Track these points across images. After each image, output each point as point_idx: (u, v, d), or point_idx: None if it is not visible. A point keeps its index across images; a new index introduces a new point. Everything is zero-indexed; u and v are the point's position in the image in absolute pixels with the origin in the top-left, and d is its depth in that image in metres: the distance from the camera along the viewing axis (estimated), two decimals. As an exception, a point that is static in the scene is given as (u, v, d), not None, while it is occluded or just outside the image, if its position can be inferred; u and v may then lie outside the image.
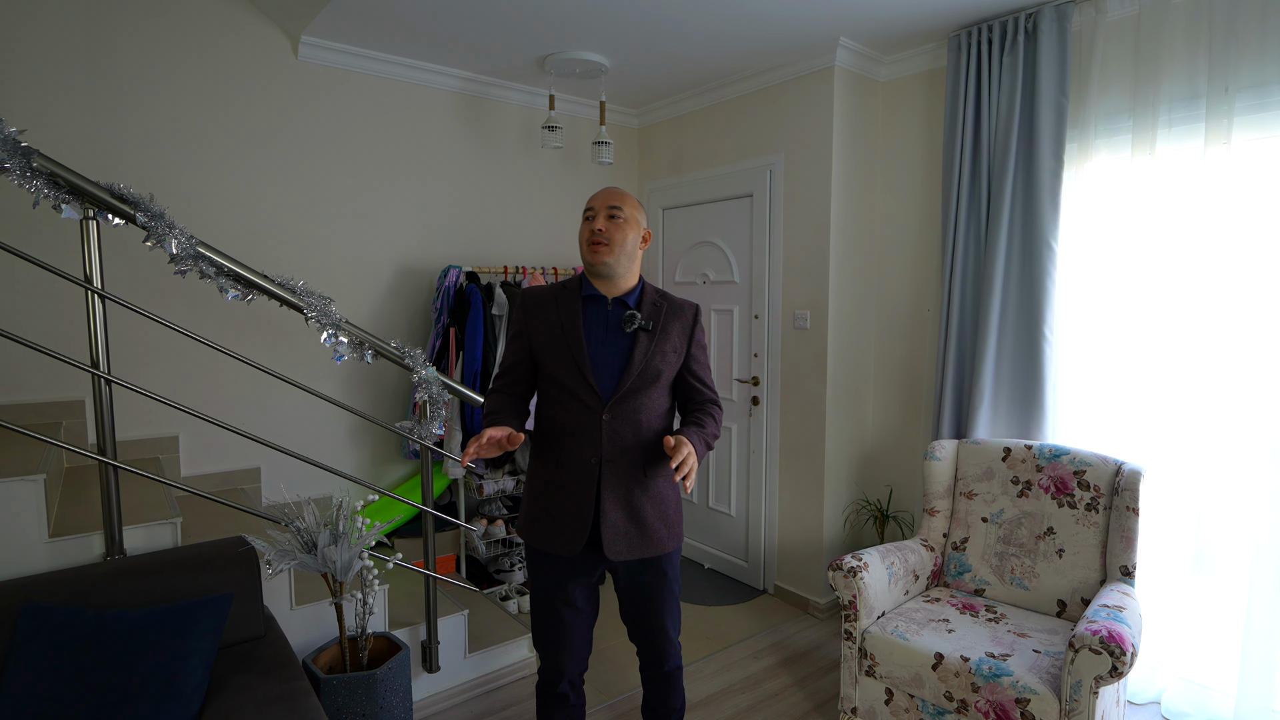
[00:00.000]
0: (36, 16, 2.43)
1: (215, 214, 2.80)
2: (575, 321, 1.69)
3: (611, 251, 1.67)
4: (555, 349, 1.69)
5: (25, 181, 1.68)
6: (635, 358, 1.68)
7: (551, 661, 1.78)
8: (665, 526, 1.73)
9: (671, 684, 1.87)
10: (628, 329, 1.68)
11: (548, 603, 1.75)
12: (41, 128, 2.44)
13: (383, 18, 2.70)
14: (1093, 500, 2.31)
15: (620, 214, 1.68)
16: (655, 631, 1.80)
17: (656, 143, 3.96)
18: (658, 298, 1.77)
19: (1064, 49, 2.51)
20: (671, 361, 1.74)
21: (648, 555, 1.72)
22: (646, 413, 1.70)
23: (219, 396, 2.85)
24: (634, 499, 1.69)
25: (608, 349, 1.69)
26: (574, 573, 1.73)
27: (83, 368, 1.78)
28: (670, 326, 1.73)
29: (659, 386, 1.72)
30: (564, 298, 1.73)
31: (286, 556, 1.87)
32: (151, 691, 1.50)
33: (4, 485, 1.72)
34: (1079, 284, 2.58)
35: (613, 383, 1.67)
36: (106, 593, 1.68)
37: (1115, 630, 1.79)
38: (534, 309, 1.75)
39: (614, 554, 1.67)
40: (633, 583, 1.77)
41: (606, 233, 1.66)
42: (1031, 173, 2.59)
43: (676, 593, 1.81)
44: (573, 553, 1.68)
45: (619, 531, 1.67)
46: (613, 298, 1.72)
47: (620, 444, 1.67)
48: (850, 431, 3.27)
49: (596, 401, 1.66)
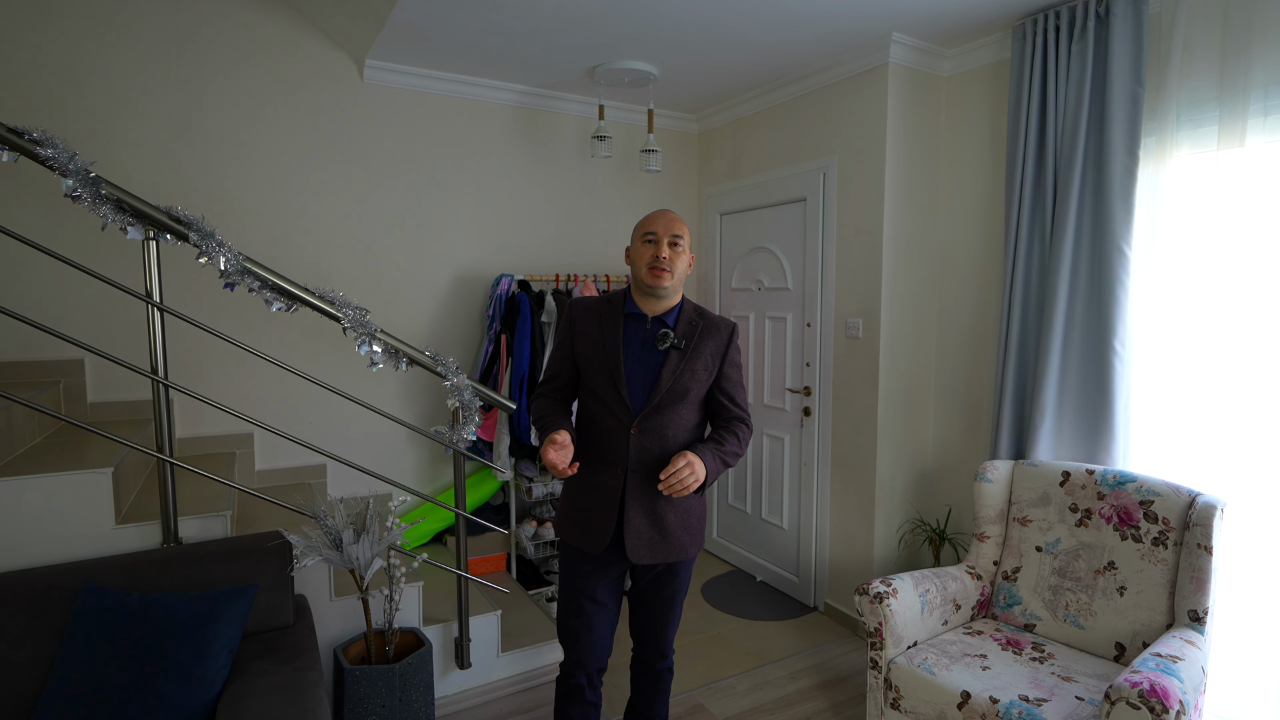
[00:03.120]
0: (138, 59, 2.71)
1: (286, 228, 3.03)
2: (616, 337, 1.78)
3: (672, 277, 1.76)
4: (595, 362, 1.79)
5: (95, 207, 1.89)
6: (664, 376, 1.76)
7: (572, 653, 1.87)
8: (687, 534, 1.82)
9: (660, 685, 1.98)
10: (660, 346, 1.77)
11: (573, 596, 1.85)
12: (137, 154, 2.73)
13: (436, 38, 2.83)
14: (1161, 534, 2.07)
15: (680, 243, 1.78)
16: (659, 628, 1.92)
17: (715, 147, 3.92)
18: (695, 316, 1.84)
19: (1140, 33, 2.27)
20: (702, 379, 1.80)
21: (669, 560, 1.81)
22: (674, 428, 1.78)
23: (290, 398, 3.08)
24: (658, 508, 1.78)
25: (642, 365, 1.77)
26: (599, 569, 1.83)
27: (144, 373, 1.97)
28: (704, 345, 1.80)
29: (687, 403, 1.79)
30: (608, 312, 1.82)
31: (314, 551, 1.99)
32: (179, 671, 1.65)
33: (79, 476, 1.94)
34: (1155, 293, 2.33)
35: (643, 398, 1.76)
36: (155, 578, 1.86)
37: (1160, 684, 1.60)
38: (579, 320, 1.85)
39: (636, 557, 1.77)
40: (652, 581, 1.88)
41: (670, 260, 1.75)
42: (1102, 171, 2.36)
43: (684, 595, 1.93)
44: (598, 550, 1.78)
45: (641, 537, 1.77)
46: (653, 315, 1.81)
47: (646, 456, 1.76)
48: (906, 447, 3.10)
49: (627, 415, 1.75)
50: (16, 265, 2.59)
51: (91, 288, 2.69)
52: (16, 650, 1.67)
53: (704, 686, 2.68)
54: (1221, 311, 2.16)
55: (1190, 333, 2.25)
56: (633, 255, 1.82)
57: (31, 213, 2.59)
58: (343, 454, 3.15)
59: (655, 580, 1.88)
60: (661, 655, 1.95)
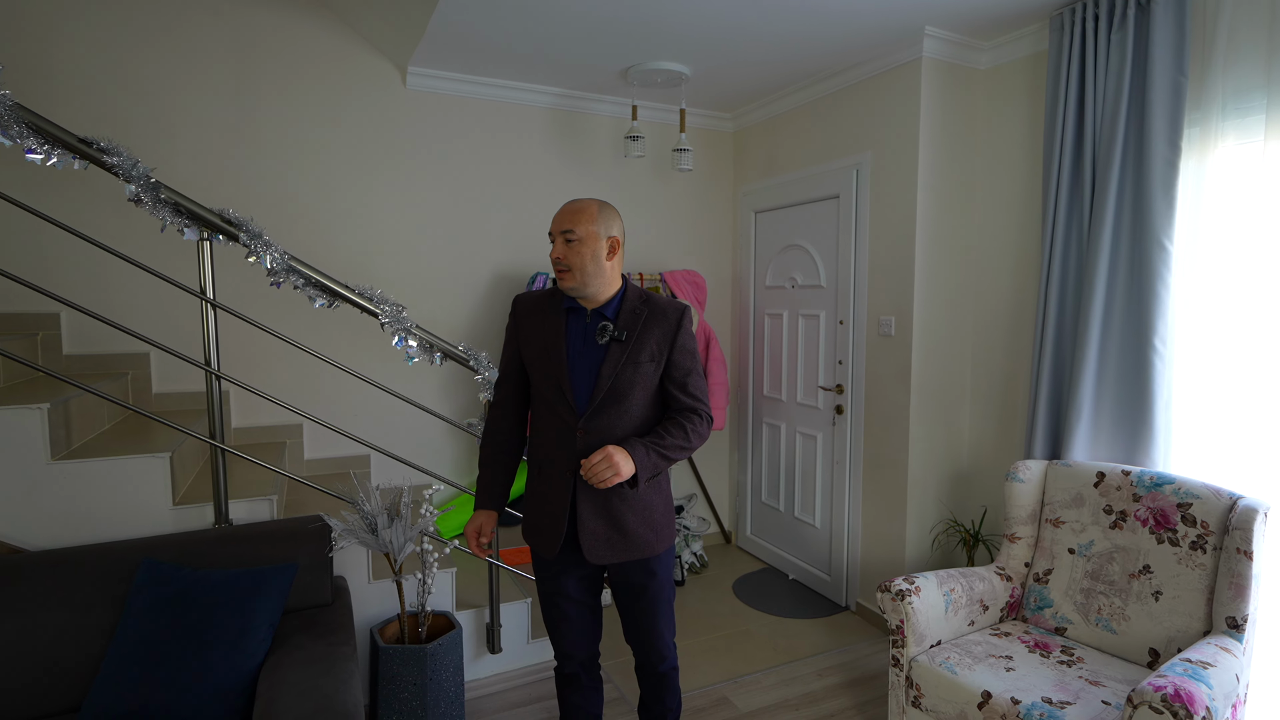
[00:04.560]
0: (199, 72, 2.90)
1: (332, 229, 3.18)
2: (558, 336, 1.71)
3: (574, 276, 1.66)
4: (539, 362, 1.73)
5: (155, 210, 2.04)
6: (604, 372, 1.66)
7: (559, 647, 1.89)
8: (651, 530, 1.74)
9: (666, 685, 1.90)
10: (600, 340, 1.68)
11: (546, 595, 1.86)
12: (197, 161, 2.91)
13: (474, 44, 2.93)
14: (1200, 538, 2.01)
15: (575, 234, 1.64)
16: (647, 632, 1.83)
17: (750, 145, 3.92)
18: (639, 304, 1.73)
19: (1183, 19, 2.19)
20: (647, 370, 1.70)
21: (635, 557, 1.74)
22: (623, 425, 1.68)
23: (339, 391, 3.23)
24: (612, 508, 1.70)
25: (584, 361, 1.69)
26: (564, 569, 1.80)
27: (198, 364, 2.12)
28: (648, 334, 1.70)
29: (633, 398, 1.69)
30: (550, 308, 1.75)
31: (350, 534, 2.11)
32: (225, 642, 1.77)
33: (141, 460, 2.10)
34: (1198, 289, 2.25)
35: (588, 396, 1.68)
36: (206, 555, 2.00)
37: (1186, 689, 1.56)
38: (524, 317, 1.79)
39: (594, 558, 1.71)
40: (623, 581, 1.80)
41: (565, 259, 1.65)
42: (1142, 163, 2.29)
43: (669, 594, 1.84)
44: (552, 554, 1.74)
45: (598, 538, 1.70)
46: (592, 309, 1.72)
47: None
48: (940, 446, 3.05)
49: (572, 415, 1.68)
50: (91, 266, 2.79)
51: (155, 287, 2.88)
52: (84, 617, 1.83)
53: (729, 680, 2.71)
54: (1268, 308, 2.07)
55: (1234, 330, 2.17)
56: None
57: (102, 217, 2.80)
58: (386, 446, 3.29)
59: (631, 588, 1.80)
60: (661, 658, 1.86)
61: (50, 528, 1.99)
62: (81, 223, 2.75)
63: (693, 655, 2.89)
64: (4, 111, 1.83)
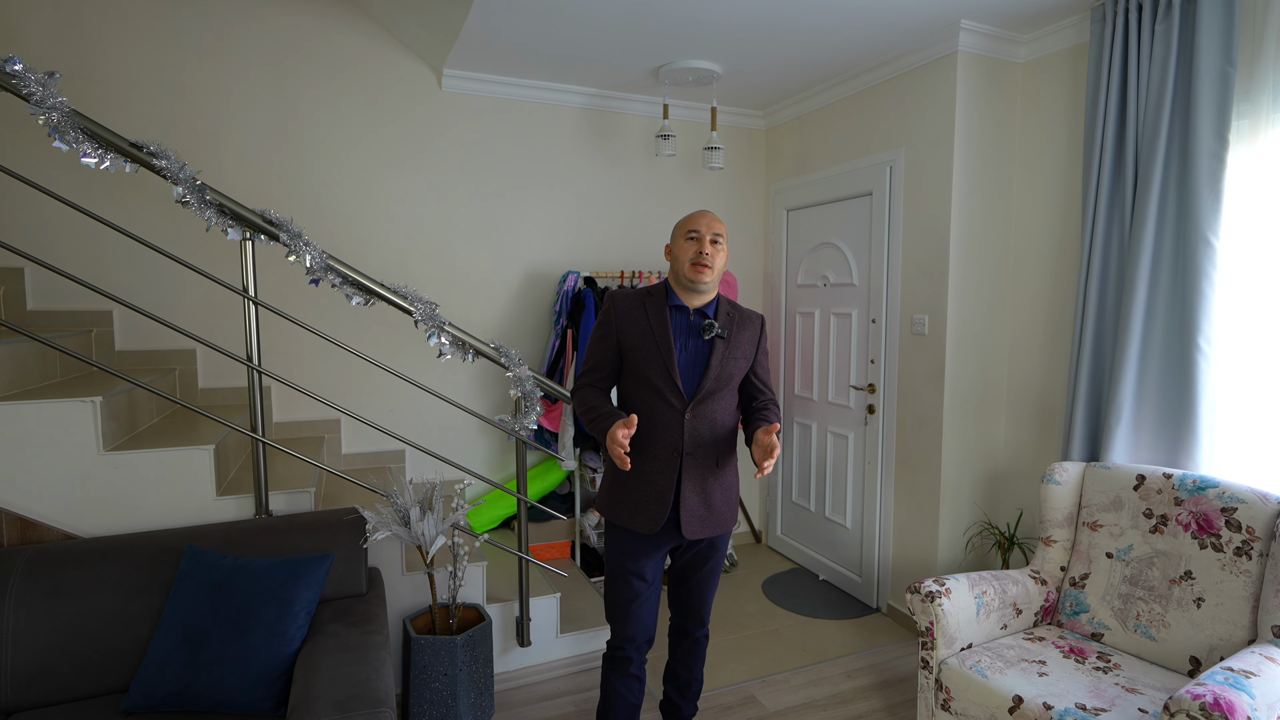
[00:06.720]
0: (243, 78, 2.99)
1: (370, 229, 3.26)
2: (666, 328, 1.87)
3: (712, 273, 1.86)
4: (647, 352, 1.88)
5: (201, 211, 2.12)
6: (713, 363, 1.87)
7: (619, 629, 1.99)
8: (729, 507, 1.97)
9: (698, 650, 2.10)
10: (706, 336, 1.88)
11: (622, 575, 1.96)
12: (242, 163, 3.01)
13: (507, 45, 2.97)
14: (1245, 544, 1.94)
15: (721, 240, 1.88)
16: (699, 599, 2.04)
17: (782, 143, 3.90)
18: (730, 309, 1.96)
19: (1231, 7, 2.12)
20: (741, 366, 1.95)
21: (718, 532, 1.95)
22: (721, 411, 1.92)
23: (377, 388, 3.30)
24: (708, 486, 1.91)
25: (688, 354, 1.89)
26: (649, 549, 1.94)
27: (240, 360, 2.19)
28: (741, 335, 1.94)
29: (730, 388, 1.93)
30: (653, 305, 1.92)
31: (384, 526, 2.16)
32: (264, 627, 1.84)
33: (186, 451, 2.18)
34: (1244, 286, 2.17)
35: (694, 385, 1.87)
36: (247, 544, 2.07)
37: (1226, 698, 1.52)
38: (624, 313, 1.93)
39: (691, 534, 1.89)
40: (695, 555, 1.99)
41: (711, 257, 1.85)
42: (1187, 156, 2.22)
43: (722, 565, 2.06)
44: (652, 531, 1.89)
45: (695, 515, 1.89)
46: (694, 308, 1.91)
47: (699, 439, 1.88)
48: (975, 447, 3.00)
49: (681, 401, 1.86)
50: (142, 265, 2.91)
51: (202, 286, 2.98)
52: (132, 601, 1.91)
53: (757, 679, 2.70)
54: (1321, 306, 2.00)
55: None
56: (674, 252, 1.90)
57: (151, 218, 2.91)
58: (421, 441, 3.36)
59: (697, 556, 1.99)
60: (701, 623, 2.08)
61: (101, 516, 2.08)
62: (133, 224, 2.87)
63: (721, 653, 2.89)
64: (61, 118, 1.92)
